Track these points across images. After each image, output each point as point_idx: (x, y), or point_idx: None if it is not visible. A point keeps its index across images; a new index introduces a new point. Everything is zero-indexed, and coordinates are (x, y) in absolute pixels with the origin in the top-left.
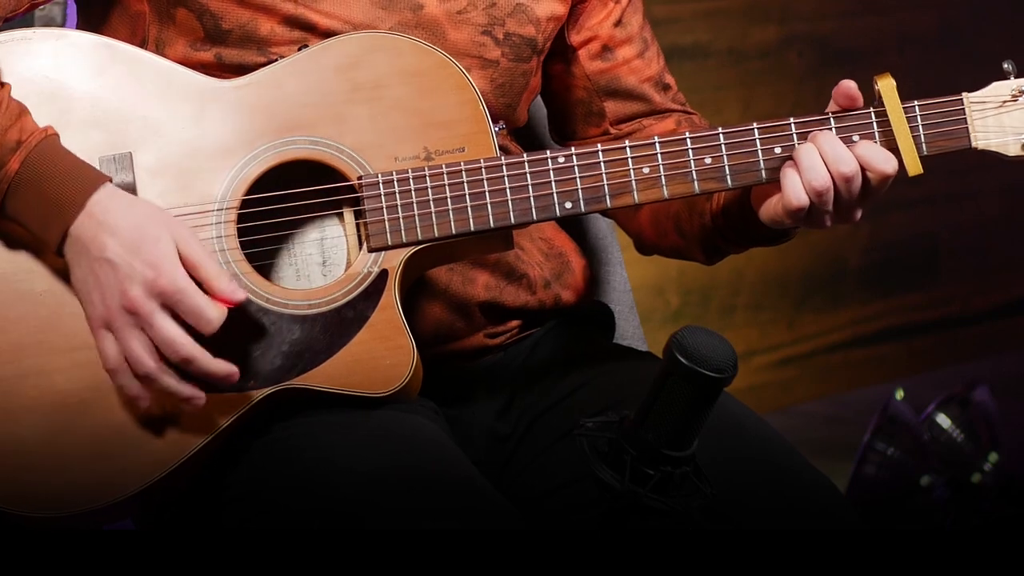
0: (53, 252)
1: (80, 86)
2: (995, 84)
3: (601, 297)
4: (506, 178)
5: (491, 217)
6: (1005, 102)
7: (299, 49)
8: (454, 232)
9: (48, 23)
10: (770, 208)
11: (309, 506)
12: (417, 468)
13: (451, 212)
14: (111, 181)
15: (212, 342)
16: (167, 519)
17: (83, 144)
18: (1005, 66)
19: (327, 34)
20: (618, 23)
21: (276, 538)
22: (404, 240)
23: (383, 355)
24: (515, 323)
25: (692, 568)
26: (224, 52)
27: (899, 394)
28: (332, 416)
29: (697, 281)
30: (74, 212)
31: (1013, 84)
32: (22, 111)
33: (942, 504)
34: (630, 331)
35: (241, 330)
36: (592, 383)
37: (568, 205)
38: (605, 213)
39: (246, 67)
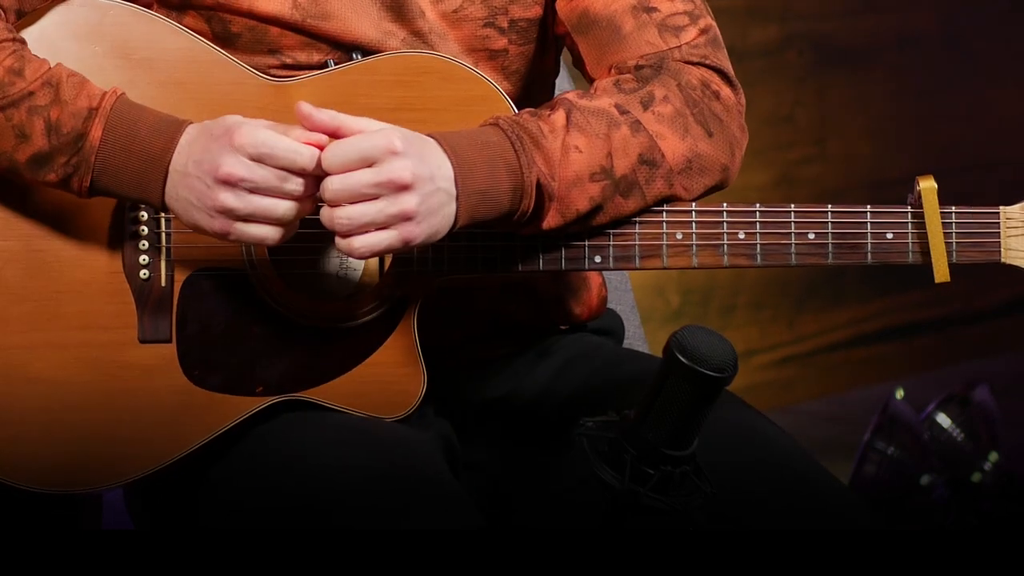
0: (158, 206)
1: (138, 62)
2: None
3: None
4: None
5: (519, 264)
6: None
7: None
8: (479, 271)
9: None
10: None
11: (277, 504)
12: (388, 468)
13: (479, 249)
14: (191, 123)
15: (224, 343)
16: (150, 513)
17: None
18: None
19: (336, 45)
20: None
21: (246, 537)
22: (429, 269)
23: (394, 380)
24: (520, 335)
25: (693, 569)
26: (234, 55)
27: (899, 394)
28: (304, 413)
29: (697, 281)
30: (167, 161)
31: None
32: (83, 80)
33: (942, 504)
34: (630, 331)
35: (254, 335)
36: (592, 383)
37: (597, 259)
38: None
39: (257, 68)
